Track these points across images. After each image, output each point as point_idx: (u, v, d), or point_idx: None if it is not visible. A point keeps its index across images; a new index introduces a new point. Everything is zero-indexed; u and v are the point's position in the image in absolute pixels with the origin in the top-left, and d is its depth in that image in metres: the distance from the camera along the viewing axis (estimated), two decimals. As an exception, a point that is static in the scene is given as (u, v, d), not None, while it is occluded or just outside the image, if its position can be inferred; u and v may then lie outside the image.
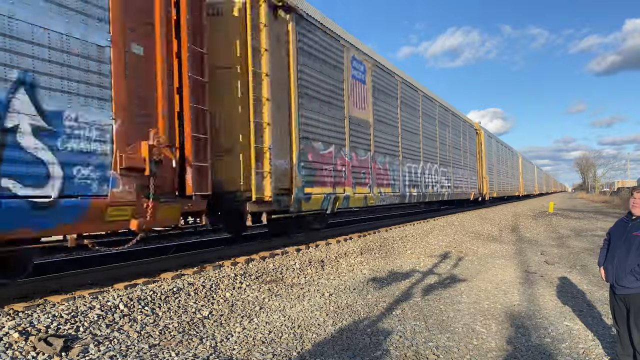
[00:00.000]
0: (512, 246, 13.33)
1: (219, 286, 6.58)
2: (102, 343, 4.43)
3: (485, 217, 22.34)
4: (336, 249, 10.14)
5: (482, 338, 5.43)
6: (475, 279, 8.54)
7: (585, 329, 5.82)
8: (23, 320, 4.61)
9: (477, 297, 7.26)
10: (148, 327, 4.97)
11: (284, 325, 5.49)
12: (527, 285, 8.15)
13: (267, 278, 7.41)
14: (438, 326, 5.76)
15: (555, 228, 19.20)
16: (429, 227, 15.93)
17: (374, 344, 5.03)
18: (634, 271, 4.17)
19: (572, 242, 14.33)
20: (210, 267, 7.53)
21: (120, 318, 5.05)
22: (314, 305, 6.37)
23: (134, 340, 4.62)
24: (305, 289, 7.15)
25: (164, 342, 4.68)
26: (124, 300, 5.42)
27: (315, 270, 8.37)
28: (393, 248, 11.48)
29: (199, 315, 5.53)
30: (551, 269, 9.73)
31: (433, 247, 12.29)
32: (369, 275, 8.40)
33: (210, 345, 4.69)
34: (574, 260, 10.79)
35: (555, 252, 12.13)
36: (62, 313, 4.88)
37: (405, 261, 10.12)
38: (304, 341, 5.01)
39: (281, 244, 10.26)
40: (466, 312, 6.42)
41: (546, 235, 16.37)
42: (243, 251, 9.13)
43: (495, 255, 11.61)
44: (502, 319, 6.15)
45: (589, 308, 6.72)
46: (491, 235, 15.85)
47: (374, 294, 7.15)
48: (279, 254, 9.20)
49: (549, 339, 5.44)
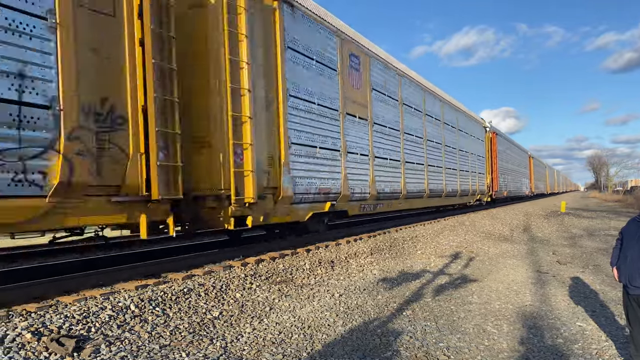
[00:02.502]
0: (523, 246, 13.21)
1: (229, 287, 6.60)
2: (114, 343, 4.46)
3: (496, 216, 22.18)
4: (346, 249, 10.13)
5: (494, 339, 5.39)
6: (486, 279, 8.48)
7: (599, 329, 5.75)
8: (35, 321, 4.65)
9: (488, 298, 7.21)
10: (159, 328, 5.00)
11: (294, 325, 5.49)
12: (538, 285, 8.07)
13: (277, 278, 7.41)
14: (449, 327, 5.73)
15: (567, 227, 19.01)
16: (439, 227, 15.85)
17: (384, 345, 5.01)
18: None
19: (585, 242, 14.18)
20: (220, 268, 7.55)
21: (131, 319, 5.08)
22: (324, 305, 6.37)
23: (145, 340, 4.65)
24: (315, 290, 7.15)
25: (175, 343, 4.70)
26: (135, 301, 5.46)
27: (325, 271, 8.36)
28: (403, 248, 11.44)
29: (210, 316, 5.55)
30: (563, 268, 9.64)
31: (444, 247, 12.23)
32: (379, 276, 8.37)
33: (221, 346, 4.71)
34: (587, 260, 10.68)
35: (568, 252, 12.01)
36: (74, 314, 4.92)
37: (415, 261, 10.08)
38: (314, 342, 5.01)
39: (290, 245, 10.26)
40: (477, 313, 6.38)
41: (558, 235, 16.21)
42: (252, 252, 9.14)
43: (507, 255, 11.52)
44: (514, 320, 6.10)
45: (602, 308, 6.64)
46: (502, 235, 15.74)
47: (384, 295, 7.12)
48: (289, 254, 9.20)
49: (561, 340, 5.38)
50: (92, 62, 5.68)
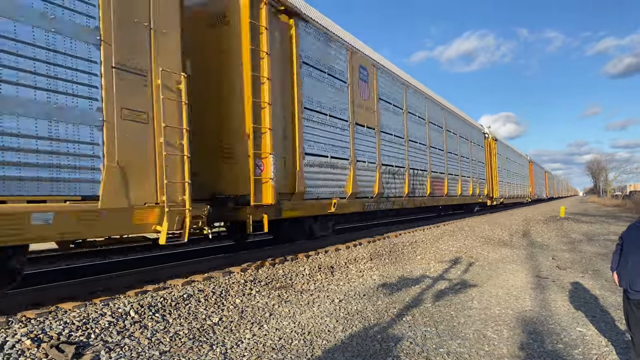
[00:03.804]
0: (523, 251, 13.21)
1: (228, 292, 6.59)
2: (113, 350, 4.45)
3: (496, 221, 22.18)
4: (345, 255, 10.12)
5: (494, 344, 5.38)
6: (486, 285, 8.47)
7: (599, 334, 5.74)
8: (35, 327, 4.65)
9: (488, 303, 7.20)
10: (159, 334, 4.99)
11: (294, 331, 5.48)
12: (538, 290, 8.07)
13: (277, 284, 7.41)
14: (449, 332, 5.72)
15: (566, 232, 19.01)
16: (439, 233, 15.84)
17: (384, 350, 5.00)
18: None
19: (584, 247, 14.18)
20: (220, 274, 7.54)
21: (131, 325, 5.08)
22: (324, 311, 6.36)
23: (145, 346, 4.64)
24: (315, 295, 7.14)
25: (175, 349, 4.69)
26: (135, 307, 5.45)
27: (325, 276, 8.35)
28: (403, 253, 11.43)
29: (209, 322, 5.54)
30: (563, 274, 9.63)
31: (443, 252, 12.22)
32: (378, 281, 8.37)
33: (221, 352, 4.70)
34: (586, 265, 10.68)
35: (567, 257, 12.01)
36: (73, 320, 4.92)
37: (415, 267, 10.08)
38: (314, 347, 5.00)
39: (291, 251, 10.26)
40: (477, 318, 6.37)
41: (557, 240, 16.21)
42: (252, 257, 9.14)
43: (506, 260, 11.51)
44: (514, 325, 6.10)
45: (602, 313, 6.64)
46: (502, 240, 15.73)
47: (384, 300, 7.12)
48: (289, 259, 9.20)
49: (561, 345, 5.37)
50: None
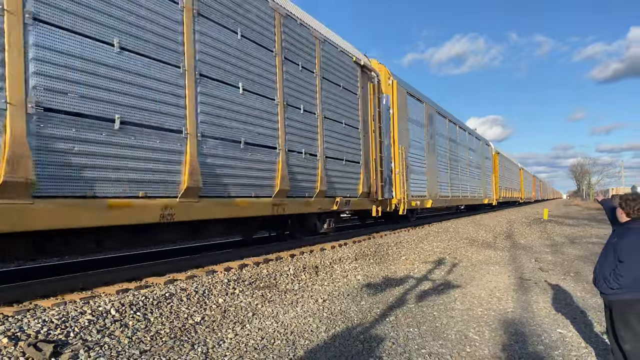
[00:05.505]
0: (506, 253, 13.33)
1: (211, 292, 6.54)
2: (93, 349, 4.38)
3: (480, 223, 22.37)
4: (330, 255, 10.12)
5: (475, 345, 5.41)
6: (469, 286, 8.53)
7: (578, 336, 5.81)
8: (13, 325, 4.56)
9: (470, 304, 7.25)
10: (139, 333, 4.93)
11: (276, 331, 5.46)
12: (521, 292, 8.15)
13: (261, 284, 7.37)
14: (431, 333, 5.75)
15: (549, 235, 19.24)
16: (423, 233, 15.93)
17: (367, 351, 5.01)
18: (605, 277, 4.20)
19: (566, 249, 14.36)
20: (203, 273, 7.49)
21: (111, 323, 5.01)
22: (308, 311, 6.35)
23: (125, 346, 4.58)
24: (299, 295, 7.12)
25: (155, 348, 4.64)
26: (116, 306, 5.38)
27: (309, 276, 8.34)
28: (387, 254, 11.46)
29: (191, 321, 5.49)
30: (545, 275, 9.74)
31: (427, 253, 12.29)
32: (363, 282, 8.38)
33: (202, 352, 4.66)
34: (568, 267, 10.81)
35: (550, 259, 12.15)
36: (52, 318, 4.83)
37: (399, 267, 10.11)
38: (296, 348, 4.99)
39: (275, 249, 10.23)
40: (459, 319, 6.41)
41: (540, 242, 16.40)
42: (235, 256, 9.09)
43: (490, 261, 11.61)
44: (496, 326, 6.14)
45: (582, 315, 6.72)
46: (485, 242, 15.87)
47: (368, 300, 7.12)
48: (273, 259, 9.16)
49: (542, 347, 5.43)
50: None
